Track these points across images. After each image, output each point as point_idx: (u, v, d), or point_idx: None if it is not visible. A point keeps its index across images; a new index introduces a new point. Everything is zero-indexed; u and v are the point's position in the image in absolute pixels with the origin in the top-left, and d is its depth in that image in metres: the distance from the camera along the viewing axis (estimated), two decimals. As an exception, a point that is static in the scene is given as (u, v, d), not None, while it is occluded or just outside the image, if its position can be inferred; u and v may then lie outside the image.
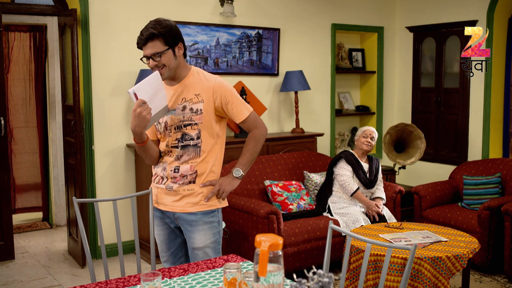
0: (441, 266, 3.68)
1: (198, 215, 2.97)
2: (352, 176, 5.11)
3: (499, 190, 5.37)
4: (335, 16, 6.82)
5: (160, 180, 3.00)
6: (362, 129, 5.31)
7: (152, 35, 2.88)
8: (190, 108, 2.92)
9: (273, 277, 1.74)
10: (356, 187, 5.04)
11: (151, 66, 2.89)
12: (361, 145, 5.21)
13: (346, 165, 5.12)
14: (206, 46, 5.78)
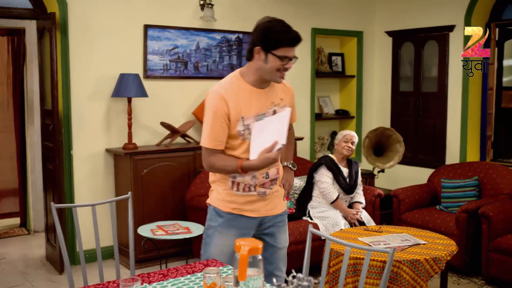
0: (419, 268, 3.71)
1: (283, 215, 3.09)
2: (332, 183, 5.12)
3: (476, 193, 5.43)
4: (315, 21, 6.85)
5: (247, 188, 2.92)
6: (343, 134, 5.31)
7: (298, 42, 2.83)
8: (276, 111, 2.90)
9: (252, 282, 1.75)
10: (336, 195, 5.05)
11: (288, 67, 2.82)
12: (341, 150, 5.22)
13: (327, 172, 5.13)
14: (186, 50, 5.77)
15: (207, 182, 5.15)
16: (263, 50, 2.75)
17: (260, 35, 2.78)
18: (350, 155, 5.27)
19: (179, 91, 5.79)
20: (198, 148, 5.57)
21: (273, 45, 2.74)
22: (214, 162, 2.84)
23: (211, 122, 2.78)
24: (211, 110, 2.78)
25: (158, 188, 5.33)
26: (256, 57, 2.79)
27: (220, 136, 2.80)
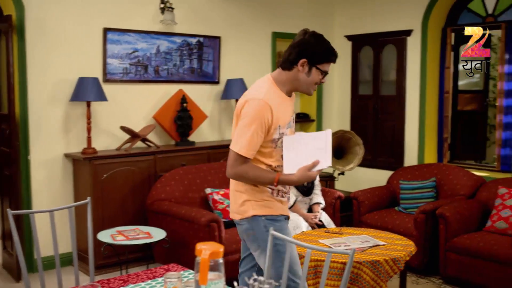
0: (379, 269, 3.76)
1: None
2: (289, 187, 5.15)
3: (434, 194, 5.54)
4: (275, 25, 6.89)
5: (281, 194, 2.99)
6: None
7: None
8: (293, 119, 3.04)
9: (214, 285, 1.74)
10: (293, 198, 5.09)
11: (323, 82, 2.99)
12: None
13: None
14: (146, 54, 5.73)
15: (167, 186, 5.16)
16: (308, 63, 2.85)
17: (309, 49, 2.85)
18: None
19: (139, 95, 5.75)
20: (158, 152, 5.53)
21: (319, 59, 2.87)
22: (247, 171, 2.84)
23: (253, 130, 2.77)
24: (256, 117, 2.77)
25: (118, 193, 5.27)
26: (299, 69, 2.87)
27: (257, 145, 2.82)
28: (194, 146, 5.88)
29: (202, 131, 6.25)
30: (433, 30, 6.59)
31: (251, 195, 2.93)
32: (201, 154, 5.89)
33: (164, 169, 5.52)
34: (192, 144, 5.90)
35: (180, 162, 5.66)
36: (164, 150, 5.61)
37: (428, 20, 6.49)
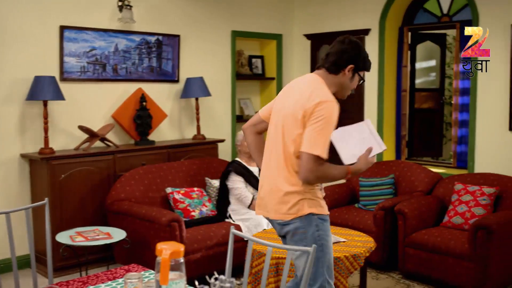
0: (339, 265, 3.80)
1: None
2: (245, 186, 5.19)
3: (392, 190, 5.63)
4: (235, 23, 6.89)
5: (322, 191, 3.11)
6: (241, 133, 5.38)
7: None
8: None
9: (175, 285, 1.74)
10: (250, 197, 5.12)
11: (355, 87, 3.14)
12: (245, 149, 5.30)
13: (237, 177, 5.19)
14: (104, 52, 5.66)
15: (127, 186, 5.12)
16: (354, 69, 3.01)
17: (358, 56, 3.01)
18: None
19: (97, 94, 5.67)
20: (117, 152, 5.47)
21: (362, 66, 3.05)
22: (327, 172, 2.89)
23: (329, 132, 2.85)
24: (331, 120, 2.85)
25: (77, 193, 5.20)
26: (345, 73, 3.01)
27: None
28: (154, 145, 5.84)
29: (162, 130, 6.21)
30: (390, 29, 6.69)
31: (307, 194, 2.95)
32: (161, 153, 5.85)
33: (124, 168, 5.46)
34: (152, 143, 5.85)
35: (140, 161, 5.61)
36: (123, 150, 5.56)
37: (386, 20, 6.59)
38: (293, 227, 2.95)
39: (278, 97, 3.17)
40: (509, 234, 4.53)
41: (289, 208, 2.94)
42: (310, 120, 2.84)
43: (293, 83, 3.15)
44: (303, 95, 2.92)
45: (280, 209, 2.96)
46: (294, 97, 2.98)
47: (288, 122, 2.93)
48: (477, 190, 4.94)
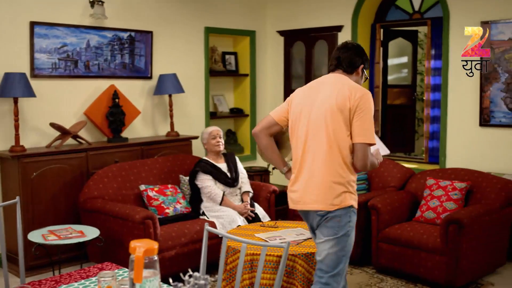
0: (314, 261, 3.82)
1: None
2: (214, 183, 5.19)
3: (366, 186, 5.67)
4: (208, 20, 6.87)
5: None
6: (207, 131, 5.41)
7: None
8: None
9: (149, 283, 1.73)
10: (221, 194, 5.12)
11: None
12: (213, 148, 5.32)
13: (205, 175, 5.19)
14: (76, 48, 5.59)
15: (100, 184, 5.07)
16: (363, 68, 3.36)
17: (365, 57, 3.37)
18: (223, 150, 5.38)
19: (69, 90, 5.61)
20: (90, 149, 5.42)
21: (367, 65, 3.40)
22: (373, 159, 3.21)
23: (373, 120, 3.15)
24: (372, 110, 3.15)
25: (49, 191, 5.14)
26: (358, 73, 3.34)
27: None
28: (127, 142, 5.79)
29: (135, 127, 6.17)
30: (362, 26, 6.74)
31: (350, 187, 3.17)
32: (135, 151, 5.81)
33: (97, 166, 5.42)
34: (125, 141, 5.81)
35: (113, 158, 5.56)
36: (96, 147, 5.50)
37: (358, 16, 6.64)
38: (331, 215, 3.13)
39: (298, 98, 3.35)
40: (479, 228, 4.60)
41: (334, 198, 3.12)
42: (356, 112, 3.08)
43: (316, 84, 3.35)
44: (341, 91, 3.13)
45: (325, 201, 3.13)
46: (329, 94, 3.17)
47: (332, 117, 3.11)
48: (449, 185, 5.01)
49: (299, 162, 3.25)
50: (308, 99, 3.27)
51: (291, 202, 3.31)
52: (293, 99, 3.38)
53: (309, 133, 3.20)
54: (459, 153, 5.89)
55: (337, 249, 3.14)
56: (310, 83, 3.41)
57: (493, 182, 4.99)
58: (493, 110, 5.63)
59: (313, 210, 3.17)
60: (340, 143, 3.11)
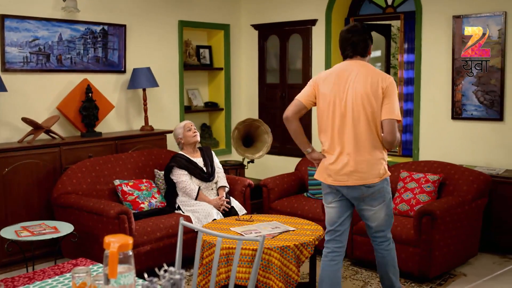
0: (290, 254, 3.84)
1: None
2: (190, 178, 5.17)
3: (340, 179, 5.70)
4: (182, 13, 6.83)
5: None
6: (181, 126, 5.41)
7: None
8: None
9: (123, 278, 1.72)
10: (196, 189, 5.11)
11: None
12: (190, 139, 5.31)
13: (180, 170, 5.17)
14: (47, 42, 5.52)
15: (74, 179, 5.03)
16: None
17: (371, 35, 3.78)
18: (199, 140, 5.38)
19: (41, 85, 5.54)
20: (63, 144, 5.37)
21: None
22: (398, 135, 3.62)
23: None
24: (396, 92, 3.62)
25: (21, 187, 5.07)
26: (369, 53, 3.80)
27: None
28: (101, 137, 5.75)
29: (109, 121, 6.12)
30: (336, 20, 6.77)
31: (384, 161, 3.66)
32: (109, 145, 5.77)
33: (70, 161, 5.36)
34: (98, 135, 5.76)
35: (87, 153, 5.51)
36: (69, 142, 5.45)
37: (332, 10, 6.66)
38: (378, 188, 3.62)
39: (328, 84, 3.68)
40: (452, 219, 4.67)
41: (378, 172, 3.61)
42: (386, 96, 3.54)
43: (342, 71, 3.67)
44: (374, 78, 3.57)
45: (372, 174, 3.60)
46: (363, 83, 3.57)
47: (369, 102, 3.54)
48: (422, 177, 5.07)
49: (339, 144, 3.64)
50: (340, 86, 3.62)
51: (333, 180, 3.68)
52: (320, 84, 3.72)
53: (347, 116, 3.58)
54: (432, 146, 5.96)
55: (388, 210, 3.73)
56: (335, 71, 3.73)
57: (465, 175, 5.07)
58: (465, 103, 5.71)
59: (364, 184, 3.59)
60: (377, 124, 3.57)
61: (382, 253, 3.86)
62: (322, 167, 3.76)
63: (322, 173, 3.76)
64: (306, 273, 4.72)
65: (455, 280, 4.70)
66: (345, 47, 3.74)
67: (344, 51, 3.75)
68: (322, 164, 3.77)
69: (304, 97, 3.78)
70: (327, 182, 3.73)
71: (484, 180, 5.00)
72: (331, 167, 3.67)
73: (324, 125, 3.74)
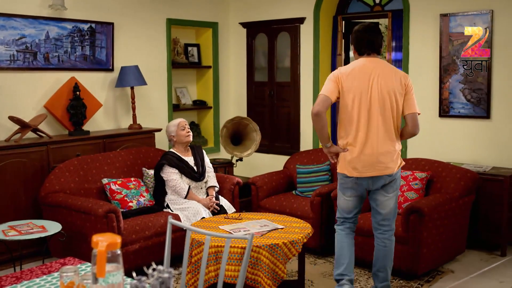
0: (278, 252, 3.85)
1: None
2: (180, 177, 5.16)
3: (329, 177, 5.73)
4: (170, 11, 6.81)
5: None
6: (175, 124, 5.33)
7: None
8: None
9: (112, 277, 1.72)
10: (186, 188, 5.10)
11: None
12: (183, 139, 5.28)
13: (171, 169, 5.15)
14: (34, 40, 5.48)
15: (62, 178, 5.00)
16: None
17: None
18: (191, 140, 5.35)
19: (28, 83, 5.50)
20: (51, 143, 5.34)
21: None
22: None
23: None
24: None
25: (8, 186, 5.04)
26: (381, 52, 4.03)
27: None
28: (89, 136, 5.72)
29: (97, 120, 6.09)
30: (324, 18, 6.78)
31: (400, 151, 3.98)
32: (97, 144, 5.74)
33: (58, 160, 5.34)
34: (86, 134, 5.73)
35: (75, 152, 5.49)
36: (57, 140, 5.42)
37: (320, 9, 6.67)
38: (396, 176, 3.96)
39: (354, 81, 3.87)
40: (440, 216, 4.69)
41: (397, 161, 3.94)
42: (408, 91, 3.89)
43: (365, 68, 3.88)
44: (396, 75, 3.88)
45: (393, 164, 3.90)
46: (386, 80, 3.85)
47: (394, 96, 3.84)
48: (410, 175, 5.09)
49: (364, 136, 3.86)
50: (364, 82, 3.86)
51: (359, 172, 3.91)
52: (343, 80, 3.88)
53: (372, 110, 3.84)
54: (420, 143, 5.99)
55: (396, 199, 4.04)
56: (357, 66, 3.92)
57: (452, 172, 5.10)
58: (452, 101, 5.74)
59: (386, 174, 3.88)
60: (398, 118, 3.90)
61: (385, 242, 4.05)
62: (346, 161, 3.95)
63: (347, 166, 3.95)
64: (294, 271, 4.73)
65: (443, 277, 4.73)
66: (361, 45, 3.96)
67: (361, 48, 3.97)
68: (345, 158, 3.95)
69: (330, 92, 3.89)
70: (352, 175, 3.94)
71: (471, 177, 5.03)
72: (357, 159, 3.90)
73: (348, 119, 3.91)
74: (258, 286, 3.81)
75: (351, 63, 4.04)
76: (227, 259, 2.49)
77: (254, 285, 3.83)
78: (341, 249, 4.12)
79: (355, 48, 4.02)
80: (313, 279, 4.69)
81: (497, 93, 5.48)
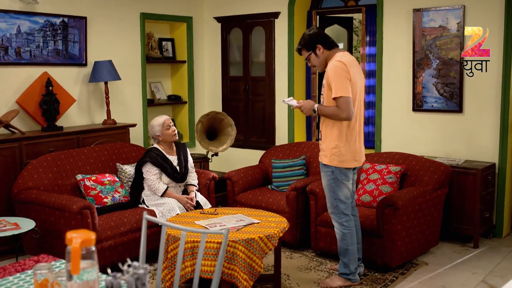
0: (254, 247, 3.85)
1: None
2: (159, 176, 5.10)
3: (304, 171, 5.75)
4: (144, 5, 6.76)
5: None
6: (159, 123, 5.17)
7: (298, 50, 4.31)
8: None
9: (87, 274, 1.70)
10: (164, 188, 5.05)
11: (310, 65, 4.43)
12: (169, 138, 5.18)
13: (153, 168, 5.08)
14: (5, 34, 5.40)
15: (35, 174, 4.96)
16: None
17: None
18: (177, 139, 5.30)
19: (-1, 78, 5.43)
20: (23, 139, 5.27)
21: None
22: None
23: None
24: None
25: (-20, 183, 4.97)
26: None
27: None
28: (62, 131, 5.66)
29: (70, 115, 6.03)
30: (299, 13, 6.79)
31: None
32: (70, 139, 5.68)
33: (31, 156, 5.27)
34: (60, 129, 5.67)
35: (48, 148, 5.43)
36: (30, 136, 5.35)
37: (294, 3, 6.68)
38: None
39: (356, 75, 4.09)
40: (414, 210, 4.75)
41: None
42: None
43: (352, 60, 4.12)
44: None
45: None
46: (361, 72, 4.20)
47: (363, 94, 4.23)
48: (384, 168, 5.14)
49: (359, 130, 4.20)
50: (360, 75, 4.17)
51: (358, 163, 4.29)
52: (351, 73, 4.03)
53: (360, 104, 4.18)
54: (394, 137, 6.05)
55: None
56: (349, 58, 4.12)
57: (426, 165, 5.16)
58: (425, 95, 5.80)
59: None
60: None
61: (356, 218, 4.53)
62: (349, 154, 4.18)
63: (350, 160, 4.20)
64: (271, 265, 4.75)
65: (417, 269, 4.79)
66: (329, 39, 4.22)
67: (332, 42, 4.21)
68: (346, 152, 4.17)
69: (350, 91, 4.02)
70: (353, 166, 4.25)
71: (444, 170, 5.10)
72: (358, 152, 4.22)
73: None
74: (235, 281, 3.81)
75: (339, 53, 4.17)
76: (203, 254, 2.49)
77: (230, 280, 3.83)
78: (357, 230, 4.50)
79: (325, 45, 4.19)
80: (289, 273, 4.71)
81: (469, 87, 5.55)
